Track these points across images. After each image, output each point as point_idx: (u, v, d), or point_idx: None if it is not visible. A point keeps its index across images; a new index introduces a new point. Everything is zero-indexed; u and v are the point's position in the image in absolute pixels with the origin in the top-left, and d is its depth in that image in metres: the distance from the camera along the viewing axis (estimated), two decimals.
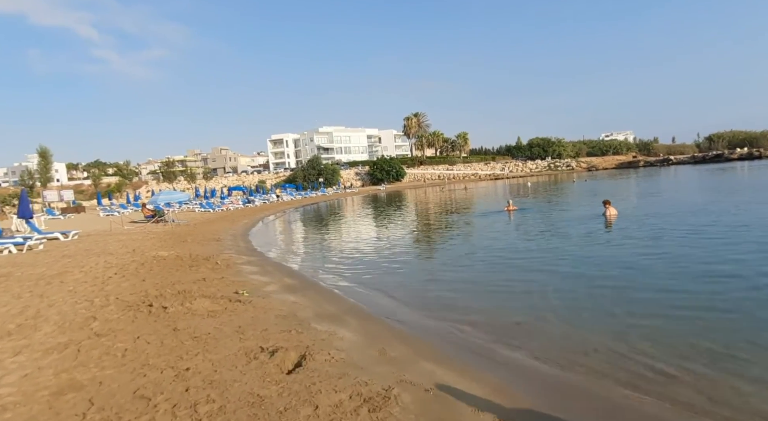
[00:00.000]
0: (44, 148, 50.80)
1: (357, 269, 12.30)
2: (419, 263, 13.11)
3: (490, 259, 12.12)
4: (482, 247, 14.21)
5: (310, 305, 8.10)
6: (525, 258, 11.73)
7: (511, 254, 12.53)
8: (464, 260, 12.44)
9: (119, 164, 78.89)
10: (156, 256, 14.03)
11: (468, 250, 14.04)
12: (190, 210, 43.02)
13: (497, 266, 11.15)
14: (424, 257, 14.15)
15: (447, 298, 8.62)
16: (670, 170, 74.64)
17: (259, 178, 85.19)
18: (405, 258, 14.06)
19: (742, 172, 51.49)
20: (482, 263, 11.82)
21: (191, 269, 11.82)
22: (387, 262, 13.22)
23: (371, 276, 11.22)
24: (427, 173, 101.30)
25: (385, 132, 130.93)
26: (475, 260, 12.14)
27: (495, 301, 8.20)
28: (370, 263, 13.20)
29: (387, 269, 12.05)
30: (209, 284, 9.52)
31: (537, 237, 15.23)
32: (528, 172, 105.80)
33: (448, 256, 13.34)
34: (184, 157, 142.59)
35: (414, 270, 11.88)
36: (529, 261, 11.35)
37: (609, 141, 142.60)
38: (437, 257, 13.73)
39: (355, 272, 11.85)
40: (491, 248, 13.86)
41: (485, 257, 12.50)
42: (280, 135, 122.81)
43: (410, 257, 14.27)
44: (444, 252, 14.18)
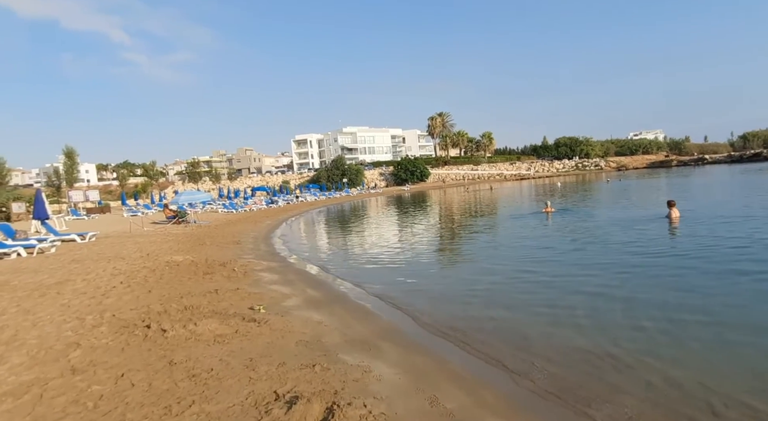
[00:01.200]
0: (70, 148, 51.03)
1: (388, 278, 10.95)
2: (457, 273, 11.63)
3: (543, 270, 10.42)
4: (528, 254, 12.62)
5: (337, 325, 6.79)
6: (586, 275, 9.65)
7: (566, 266, 10.78)
8: (511, 269, 10.84)
9: (146, 165, 79.43)
10: (169, 261, 12.97)
11: (513, 258, 12.47)
12: (213, 210, 42.47)
13: (554, 283, 9.25)
14: (462, 265, 12.60)
15: (502, 321, 7.07)
16: (707, 170, 71.05)
17: (283, 179, 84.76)
18: (440, 266, 12.68)
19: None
20: (534, 275, 10.02)
21: (205, 277, 10.66)
22: (420, 270, 11.85)
23: (405, 288, 9.83)
24: (451, 173, 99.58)
25: (409, 132, 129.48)
26: (525, 271, 10.51)
27: (565, 333, 6.32)
28: (402, 271, 11.82)
29: (422, 279, 10.65)
30: (222, 296, 8.31)
31: (590, 245, 13.28)
32: (555, 172, 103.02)
33: (492, 265, 11.60)
34: (209, 157, 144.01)
35: (453, 281, 10.43)
36: (591, 277, 9.40)
37: (638, 140, 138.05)
38: (478, 265, 11.95)
39: (386, 282, 10.50)
40: (539, 256, 12.25)
41: (536, 267, 10.83)
42: (304, 135, 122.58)
43: (445, 264, 12.86)
44: (485, 261, 12.39)
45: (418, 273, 11.38)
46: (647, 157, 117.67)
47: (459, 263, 12.71)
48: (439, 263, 13.06)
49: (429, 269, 12.06)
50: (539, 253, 12.65)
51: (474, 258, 12.93)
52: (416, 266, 12.43)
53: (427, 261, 13.34)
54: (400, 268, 12.21)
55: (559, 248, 13.15)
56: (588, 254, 11.85)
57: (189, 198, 28.80)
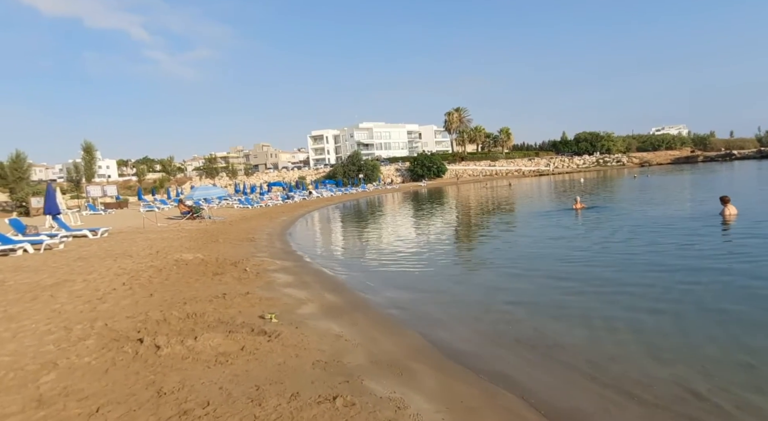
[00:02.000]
0: (89, 143, 50.70)
1: (413, 283, 9.97)
2: (489, 278, 10.38)
3: (588, 277, 9.19)
4: (565, 257, 11.48)
5: (360, 340, 5.83)
6: (641, 283, 8.40)
7: (616, 272, 9.52)
8: (549, 275, 9.69)
9: (164, 160, 79.37)
10: (178, 260, 12.16)
11: (548, 260, 11.34)
12: (229, 206, 41.93)
13: (606, 293, 8.07)
14: (493, 270, 11.29)
15: (557, 338, 5.99)
16: (737, 166, 68.28)
17: (299, 175, 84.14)
18: (468, 270, 11.60)
19: None
20: (579, 283, 8.77)
21: (214, 278, 9.80)
22: (448, 273, 10.83)
23: (435, 296, 8.81)
24: (468, 169, 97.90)
25: (425, 128, 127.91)
26: (566, 277, 9.30)
27: (641, 360, 5.22)
28: (428, 275, 10.81)
29: (452, 284, 9.63)
30: (230, 302, 7.41)
31: (636, 246, 11.92)
32: (575, 168, 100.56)
33: (528, 271, 10.36)
34: (227, 153, 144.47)
35: (486, 288, 9.29)
36: (647, 287, 8.15)
37: (661, 135, 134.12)
38: (511, 270, 10.66)
39: (411, 287, 9.51)
40: (578, 259, 11.12)
41: (578, 272, 9.63)
42: (320, 131, 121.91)
43: (474, 268, 11.77)
44: (519, 265, 11.13)
45: (445, 277, 10.38)
46: (670, 152, 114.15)
47: (489, 266, 11.55)
48: (467, 267, 11.98)
49: (456, 273, 11.03)
50: (577, 255, 11.49)
51: (506, 262, 11.65)
52: (443, 269, 11.42)
53: (454, 264, 12.31)
54: (426, 271, 11.21)
55: (600, 250, 11.94)
56: (638, 257, 10.64)
57: (204, 193, 28.16)
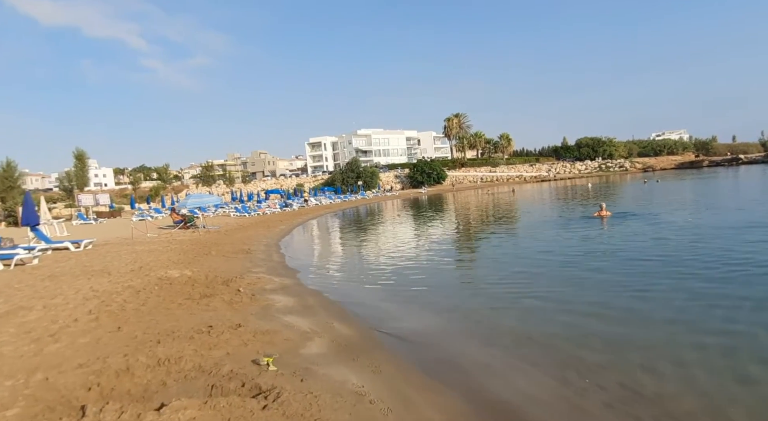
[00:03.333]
0: (81, 151, 49.28)
1: (434, 303, 8.44)
2: (525, 297, 8.76)
3: (643, 305, 7.83)
4: (610, 280, 9.97)
5: (390, 402, 4.29)
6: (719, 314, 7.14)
7: (674, 297, 8.04)
8: (599, 301, 8.16)
9: (159, 168, 77.86)
10: (162, 277, 10.62)
11: (591, 281, 9.78)
12: (225, 214, 40.36)
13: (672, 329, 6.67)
14: (528, 286, 9.71)
15: (629, 393, 4.55)
16: (746, 171, 67.00)
17: (297, 182, 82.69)
18: (497, 291, 9.97)
19: None
20: (634, 312, 7.43)
21: (201, 302, 8.27)
22: (473, 291, 9.32)
23: (464, 320, 7.30)
24: (469, 175, 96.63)
25: (424, 134, 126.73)
26: (618, 306, 7.81)
27: None
28: (450, 295, 9.30)
29: (484, 306, 8.11)
30: (216, 339, 5.87)
31: (690, 260, 10.43)
32: (577, 173, 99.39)
33: (572, 297, 8.62)
34: (224, 161, 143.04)
35: (531, 313, 7.76)
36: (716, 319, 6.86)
37: (662, 140, 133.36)
38: (551, 294, 9.07)
39: (434, 308, 8.00)
40: (622, 280, 9.66)
41: (628, 299, 8.18)
42: (318, 138, 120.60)
43: (503, 290, 10.20)
44: (559, 288, 9.52)
45: (474, 299, 8.86)
46: (672, 158, 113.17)
47: (514, 282, 9.98)
48: (495, 288, 10.35)
49: (483, 294, 9.47)
50: (616, 270, 10.00)
51: (541, 284, 9.80)
52: (466, 288, 9.95)
53: (478, 283, 10.76)
54: (447, 291, 9.72)
55: (644, 266, 10.45)
56: (700, 276, 9.11)
57: (198, 201, 26.65)
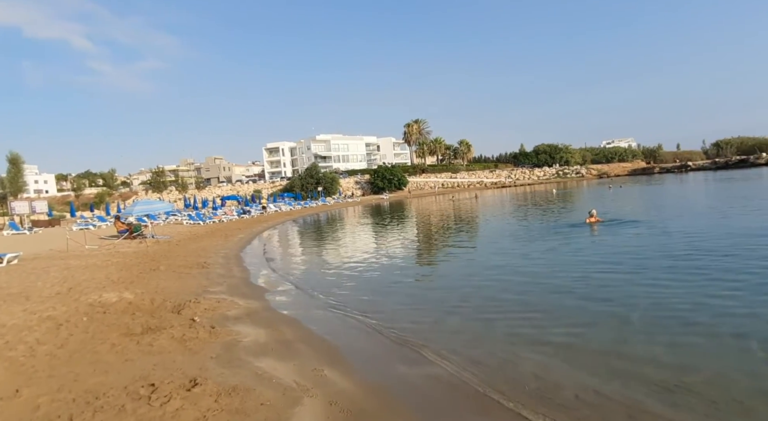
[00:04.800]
0: (14, 154, 44.89)
1: (445, 331, 6.86)
2: (544, 339, 7.45)
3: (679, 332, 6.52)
4: (642, 303, 8.70)
5: None
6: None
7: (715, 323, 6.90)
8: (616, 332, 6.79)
9: (104, 174, 72.62)
10: (96, 303, 8.53)
11: (599, 302, 8.46)
12: (177, 222, 37.46)
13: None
14: (542, 323, 8.43)
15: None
16: (697, 177, 69.50)
17: (255, 188, 79.51)
18: (496, 300, 8.50)
19: None
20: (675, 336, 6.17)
21: (143, 339, 6.34)
22: (479, 315, 7.79)
23: (487, 357, 5.73)
24: (430, 181, 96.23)
25: (383, 140, 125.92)
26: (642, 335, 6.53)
27: None
28: (459, 318, 7.74)
29: (498, 341, 6.58)
30: (161, 411, 4.03)
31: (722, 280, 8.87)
32: (536, 179, 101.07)
33: (590, 329, 6.89)
34: (176, 166, 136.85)
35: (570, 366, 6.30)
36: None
37: (612, 148, 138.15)
38: (577, 307, 7.77)
39: (445, 336, 6.40)
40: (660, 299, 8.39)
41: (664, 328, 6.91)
42: (275, 143, 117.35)
43: (516, 303, 8.73)
44: (577, 314, 7.77)
45: (475, 317, 7.32)
46: (624, 164, 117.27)
47: (539, 331, 8.55)
48: (491, 302, 8.82)
49: (484, 315, 7.96)
50: (645, 286, 8.75)
51: (561, 309, 8.31)
52: (465, 308, 8.38)
53: (469, 301, 9.23)
54: (451, 309, 8.12)
55: (668, 283, 9.25)
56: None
57: (146, 208, 24.02)
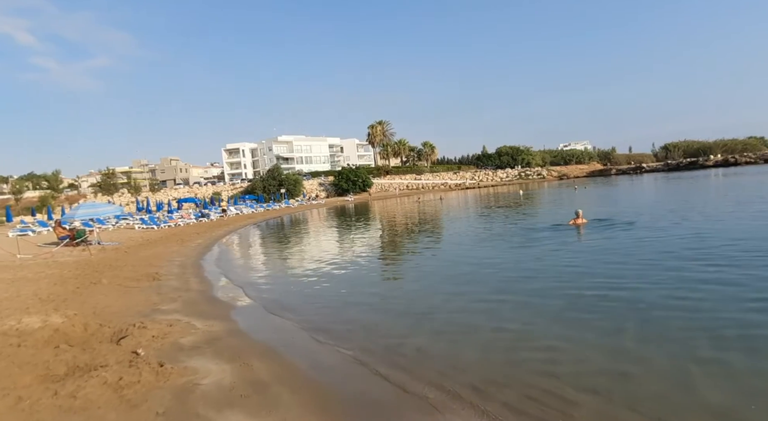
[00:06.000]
0: None
1: (446, 362, 5.59)
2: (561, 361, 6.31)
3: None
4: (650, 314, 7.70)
5: None
6: None
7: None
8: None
9: (47, 175, 67.55)
10: (10, 331, 6.78)
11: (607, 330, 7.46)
12: (129, 227, 34.72)
13: None
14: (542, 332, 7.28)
15: None
16: (649, 178, 71.42)
17: (214, 190, 76.23)
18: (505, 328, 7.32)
19: (758, 178, 47.86)
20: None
21: (65, 386, 4.75)
22: (489, 335, 6.58)
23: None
24: (394, 183, 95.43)
25: (347, 141, 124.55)
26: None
27: None
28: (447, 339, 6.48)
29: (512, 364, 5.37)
30: None
31: None
32: (499, 181, 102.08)
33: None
34: (129, 168, 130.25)
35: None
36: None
37: (570, 150, 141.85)
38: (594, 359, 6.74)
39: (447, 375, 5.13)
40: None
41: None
42: (236, 144, 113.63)
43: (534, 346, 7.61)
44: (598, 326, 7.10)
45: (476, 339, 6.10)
46: (581, 166, 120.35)
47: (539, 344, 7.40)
48: (506, 321, 7.69)
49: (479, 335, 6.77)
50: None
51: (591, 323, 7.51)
52: (463, 327, 7.14)
53: (459, 318, 8.05)
54: (442, 329, 6.86)
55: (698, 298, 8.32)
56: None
57: (91, 212, 21.68)
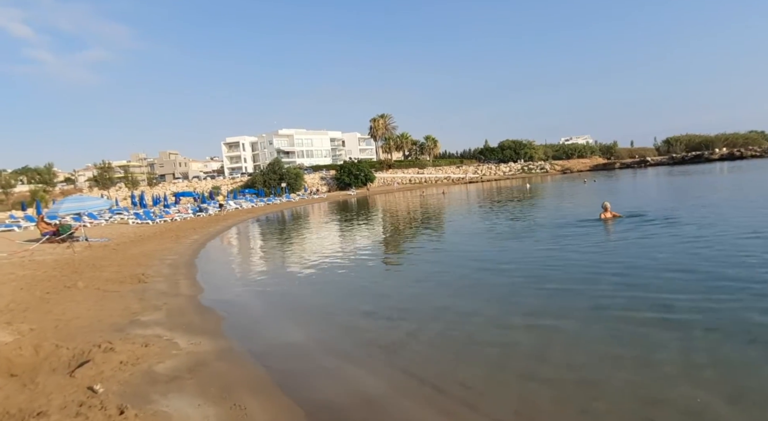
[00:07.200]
0: None
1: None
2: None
3: None
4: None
5: None
6: None
7: None
8: None
9: (39, 169, 65.80)
10: None
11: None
12: (123, 222, 33.23)
13: None
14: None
15: None
16: (655, 171, 69.85)
17: (214, 184, 74.65)
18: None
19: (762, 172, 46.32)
20: None
21: None
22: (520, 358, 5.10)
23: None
24: (397, 177, 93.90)
25: (348, 135, 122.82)
26: None
27: None
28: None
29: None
30: None
31: None
32: (502, 175, 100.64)
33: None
34: (127, 162, 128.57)
35: None
36: None
37: (571, 144, 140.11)
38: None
39: None
40: None
41: None
42: (235, 138, 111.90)
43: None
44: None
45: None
46: (583, 160, 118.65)
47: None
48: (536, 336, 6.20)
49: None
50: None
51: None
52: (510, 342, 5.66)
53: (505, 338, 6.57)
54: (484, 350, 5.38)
55: None
56: None
57: (77, 206, 20.16)
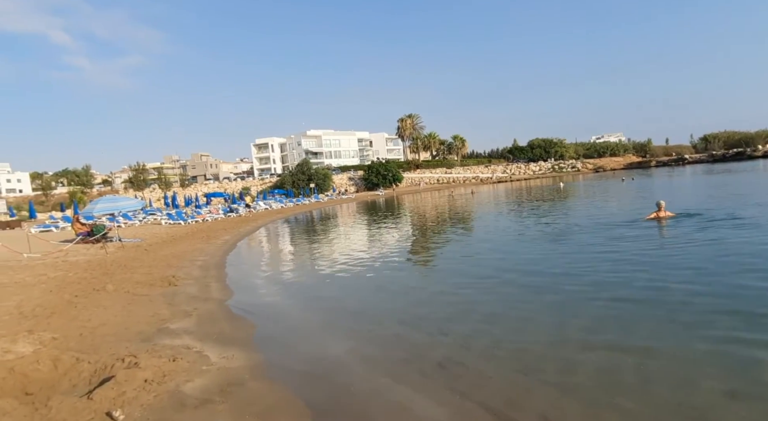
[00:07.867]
0: None
1: None
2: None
3: None
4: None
5: None
6: None
7: None
8: None
9: (78, 171, 67.72)
10: None
11: None
12: (156, 222, 33.60)
13: None
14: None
15: None
16: (693, 169, 66.68)
17: (243, 185, 75.40)
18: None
19: None
20: None
21: None
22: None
23: None
24: (425, 177, 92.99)
25: (376, 135, 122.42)
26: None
27: None
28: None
29: None
30: None
31: None
32: (531, 174, 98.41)
33: None
34: (160, 164, 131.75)
35: None
36: None
37: (603, 143, 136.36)
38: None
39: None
40: None
41: None
42: (265, 139, 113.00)
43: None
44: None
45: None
46: (616, 159, 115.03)
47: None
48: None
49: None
50: None
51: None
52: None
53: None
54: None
55: None
56: None
57: (110, 206, 20.23)
